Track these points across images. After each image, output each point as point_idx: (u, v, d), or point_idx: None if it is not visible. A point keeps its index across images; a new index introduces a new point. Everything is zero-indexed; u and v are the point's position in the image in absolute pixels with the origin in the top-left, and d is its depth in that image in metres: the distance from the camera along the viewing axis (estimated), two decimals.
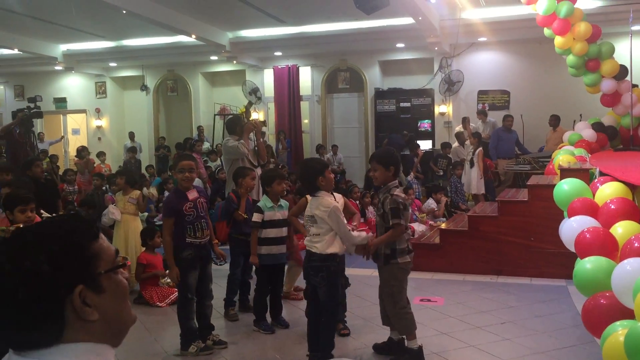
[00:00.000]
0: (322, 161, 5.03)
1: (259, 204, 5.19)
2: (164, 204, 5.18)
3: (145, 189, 8.32)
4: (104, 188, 9.88)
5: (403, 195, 4.40)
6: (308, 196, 4.39)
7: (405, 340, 4.38)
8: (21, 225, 3.98)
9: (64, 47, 14.78)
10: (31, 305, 1.04)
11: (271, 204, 5.11)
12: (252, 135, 7.07)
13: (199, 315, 4.63)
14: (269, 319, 5.15)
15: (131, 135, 15.70)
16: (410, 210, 9.04)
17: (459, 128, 12.85)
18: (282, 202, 5.25)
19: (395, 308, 4.33)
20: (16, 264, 1.05)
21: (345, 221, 4.21)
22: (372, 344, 4.58)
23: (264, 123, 13.17)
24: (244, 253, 5.31)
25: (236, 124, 6.95)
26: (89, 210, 7.78)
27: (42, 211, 5.04)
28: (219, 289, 5.38)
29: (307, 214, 4.24)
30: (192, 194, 4.53)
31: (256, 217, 5.06)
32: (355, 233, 4.24)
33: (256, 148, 7.01)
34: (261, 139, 7.18)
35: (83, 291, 1.07)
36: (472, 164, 10.59)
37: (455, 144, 12.30)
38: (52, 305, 1.05)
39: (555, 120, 11.49)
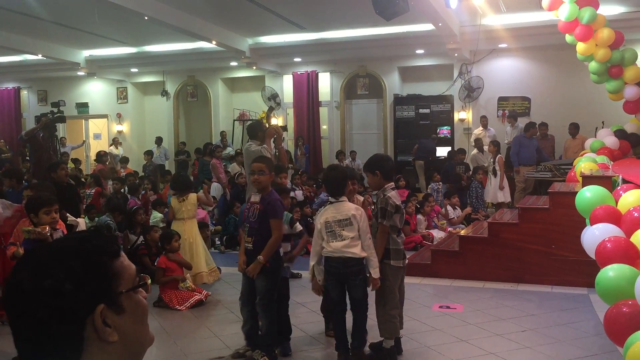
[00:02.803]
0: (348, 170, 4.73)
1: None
2: None
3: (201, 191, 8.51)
4: (122, 191, 9.99)
5: (396, 198, 4.33)
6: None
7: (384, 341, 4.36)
8: (47, 227, 4.05)
9: (86, 53, 14.98)
10: (51, 326, 0.98)
11: None
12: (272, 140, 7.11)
13: None
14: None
15: (157, 141, 15.86)
16: (423, 217, 9.13)
17: (477, 131, 12.78)
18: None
19: (384, 309, 4.31)
20: (36, 281, 0.99)
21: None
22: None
23: (284, 128, 13.24)
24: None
25: (258, 129, 6.99)
26: (119, 217, 7.71)
27: (67, 215, 5.10)
28: None
29: (335, 219, 4.14)
30: (254, 197, 4.39)
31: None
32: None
33: (277, 153, 7.05)
34: (281, 144, 7.21)
35: (104, 311, 1.02)
36: (495, 173, 10.50)
37: (474, 151, 12.21)
38: (73, 326, 1.00)
39: (574, 129, 11.40)
